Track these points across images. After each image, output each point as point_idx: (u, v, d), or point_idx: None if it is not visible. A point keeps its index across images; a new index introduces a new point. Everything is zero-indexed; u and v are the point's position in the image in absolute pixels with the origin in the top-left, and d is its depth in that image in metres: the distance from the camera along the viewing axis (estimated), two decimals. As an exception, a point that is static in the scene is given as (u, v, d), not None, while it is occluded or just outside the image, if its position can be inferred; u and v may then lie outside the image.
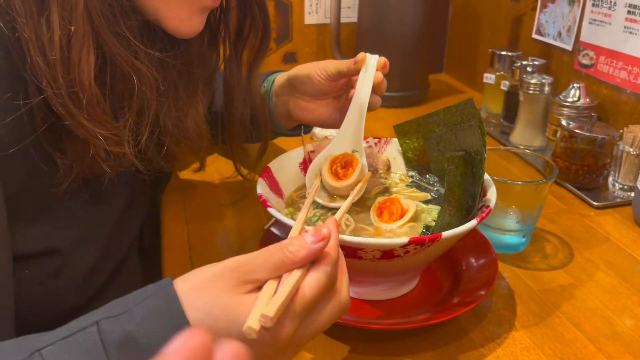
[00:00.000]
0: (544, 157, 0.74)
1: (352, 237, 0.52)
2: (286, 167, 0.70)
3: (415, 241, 0.52)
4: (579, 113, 0.96)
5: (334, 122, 0.76)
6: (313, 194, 0.59)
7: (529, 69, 1.04)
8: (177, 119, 0.61)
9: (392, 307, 0.63)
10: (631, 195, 0.85)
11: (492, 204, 0.59)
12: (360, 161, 0.67)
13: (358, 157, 0.67)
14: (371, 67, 0.68)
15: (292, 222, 0.53)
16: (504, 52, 1.13)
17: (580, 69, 1.04)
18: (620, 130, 0.86)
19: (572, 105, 0.96)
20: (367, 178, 0.66)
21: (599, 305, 0.64)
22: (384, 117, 1.22)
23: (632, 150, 0.84)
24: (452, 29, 1.52)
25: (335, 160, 0.67)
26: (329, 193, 0.67)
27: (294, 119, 0.79)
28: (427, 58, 1.33)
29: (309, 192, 0.66)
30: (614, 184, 0.88)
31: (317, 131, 1.00)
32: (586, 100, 0.96)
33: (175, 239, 0.76)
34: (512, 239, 0.73)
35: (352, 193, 0.63)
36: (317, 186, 0.64)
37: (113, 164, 0.53)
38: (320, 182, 0.66)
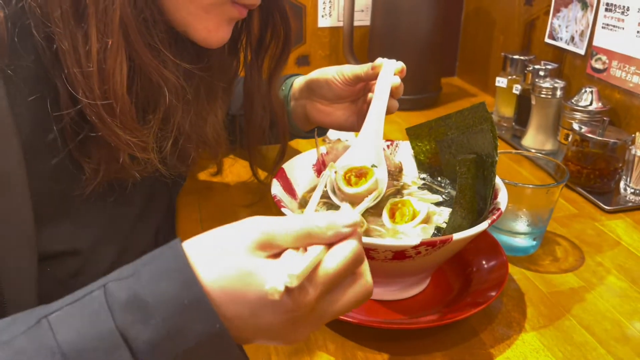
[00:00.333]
0: (556, 160, 0.75)
1: (364, 238, 0.53)
2: (300, 168, 0.71)
3: (426, 243, 0.53)
4: (591, 117, 0.96)
5: (352, 125, 0.78)
6: (326, 179, 0.59)
7: (541, 73, 1.05)
8: (197, 126, 0.62)
9: (404, 307, 0.64)
10: (643, 199, 0.85)
11: (503, 206, 0.60)
12: (376, 175, 0.66)
13: (375, 172, 0.67)
14: (389, 72, 0.69)
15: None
16: (516, 56, 1.14)
17: (593, 73, 1.04)
18: (633, 135, 0.86)
19: (584, 110, 0.97)
20: (380, 191, 0.65)
21: (609, 309, 0.64)
22: (397, 119, 1.23)
23: (644, 155, 0.84)
24: (464, 32, 1.52)
25: (351, 170, 0.68)
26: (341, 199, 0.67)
27: (312, 122, 0.80)
28: (440, 61, 1.33)
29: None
30: (626, 188, 0.88)
31: (329, 133, 1.01)
32: (598, 105, 0.97)
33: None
34: (522, 242, 0.74)
35: (369, 198, 0.63)
36: (330, 175, 0.64)
37: (138, 168, 0.55)
38: (334, 172, 0.65)
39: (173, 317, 0.34)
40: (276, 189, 0.64)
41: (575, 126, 0.91)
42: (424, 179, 0.74)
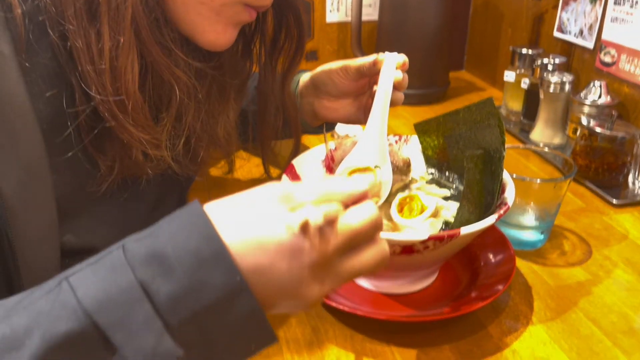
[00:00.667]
0: (563, 155, 0.75)
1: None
2: (309, 164, 0.72)
3: (434, 237, 0.53)
4: (600, 111, 0.97)
5: (358, 119, 0.79)
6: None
7: (549, 67, 1.05)
8: (208, 125, 0.63)
9: (412, 301, 0.65)
10: (651, 193, 0.85)
11: (510, 201, 0.60)
12: (378, 177, 0.66)
13: (378, 173, 0.67)
14: (391, 66, 0.70)
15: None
16: (524, 50, 1.14)
17: (602, 67, 1.04)
18: (641, 129, 0.87)
19: (593, 104, 0.97)
20: (377, 200, 0.66)
21: (616, 302, 0.65)
22: (404, 114, 1.24)
23: (652, 149, 0.84)
24: (472, 26, 1.52)
25: (354, 170, 0.68)
26: None
27: (319, 118, 0.82)
28: (448, 56, 1.33)
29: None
30: (634, 182, 0.88)
31: (337, 128, 1.02)
32: (607, 99, 0.97)
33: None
34: (530, 236, 0.74)
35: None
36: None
37: (151, 165, 0.56)
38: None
39: (193, 270, 0.35)
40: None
41: (584, 120, 0.91)
42: (432, 173, 0.74)
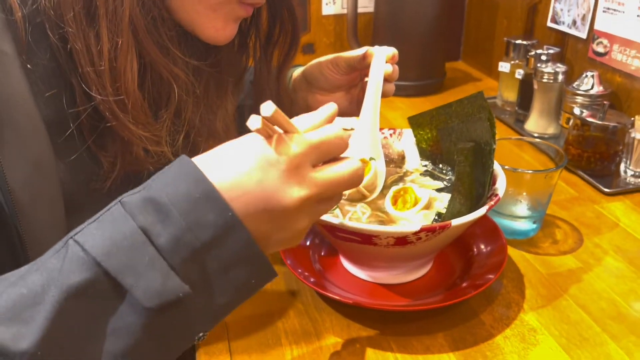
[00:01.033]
0: (555, 145, 0.77)
1: (366, 225, 0.56)
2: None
3: (426, 229, 0.55)
4: (593, 101, 0.98)
5: (351, 111, 0.80)
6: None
7: (543, 58, 1.06)
8: (207, 120, 0.64)
9: (407, 291, 0.66)
10: (642, 181, 0.87)
11: (501, 192, 0.62)
12: (373, 169, 0.67)
13: (373, 165, 0.68)
14: (381, 60, 0.71)
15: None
16: (518, 41, 1.15)
17: (595, 57, 1.06)
18: (632, 118, 0.88)
19: (586, 94, 0.98)
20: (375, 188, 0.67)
21: (605, 289, 0.67)
22: (401, 106, 1.25)
23: (643, 138, 0.86)
24: (468, 17, 1.53)
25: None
26: None
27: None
28: (444, 47, 1.34)
29: None
30: (626, 170, 0.90)
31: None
32: (599, 89, 0.98)
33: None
34: (523, 225, 0.76)
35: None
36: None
37: (152, 161, 0.57)
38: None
39: (188, 211, 0.38)
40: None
41: (576, 110, 0.92)
42: (426, 166, 0.76)
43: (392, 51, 0.72)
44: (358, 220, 0.63)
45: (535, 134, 1.06)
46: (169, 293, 0.38)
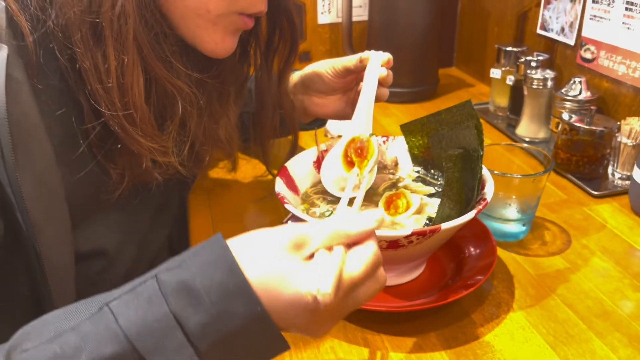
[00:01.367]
0: (543, 150, 0.79)
1: (360, 230, 0.58)
2: (301, 165, 0.76)
3: (417, 232, 0.58)
4: (581, 106, 1.01)
5: (347, 114, 0.83)
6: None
7: (532, 64, 1.08)
8: (210, 129, 0.66)
9: (401, 292, 0.69)
10: (629, 184, 0.89)
11: (489, 196, 0.64)
12: (375, 147, 0.69)
13: (373, 141, 0.70)
14: (376, 64, 0.74)
15: (307, 217, 0.59)
16: (509, 48, 1.18)
17: (583, 63, 1.08)
18: (618, 123, 0.91)
19: (574, 99, 1.01)
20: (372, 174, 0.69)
21: (592, 288, 0.69)
22: (396, 112, 1.27)
23: (629, 142, 0.88)
24: (461, 24, 1.56)
25: (350, 145, 0.71)
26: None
27: (310, 114, 0.86)
28: (437, 54, 1.37)
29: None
30: (613, 173, 0.92)
31: (330, 129, 1.06)
32: (587, 94, 1.01)
33: (202, 235, 0.83)
34: (513, 228, 0.79)
35: (363, 184, 0.66)
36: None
37: (160, 171, 0.60)
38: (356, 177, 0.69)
39: (219, 301, 0.39)
40: (280, 186, 0.69)
41: (565, 116, 0.95)
42: (418, 171, 0.78)
43: (387, 56, 0.75)
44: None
45: (527, 139, 1.09)
46: None
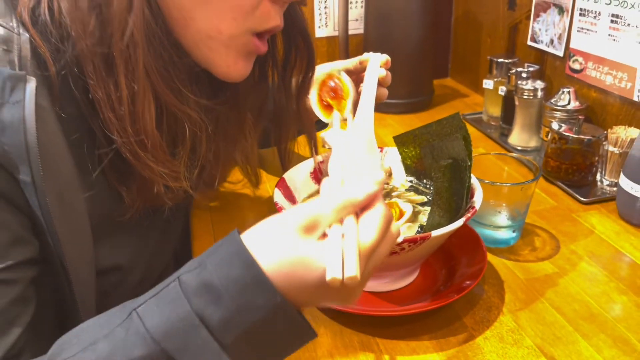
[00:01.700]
0: (532, 159, 0.82)
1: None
2: (299, 176, 0.79)
3: (408, 240, 0.61)
4: (570, 115, 1.04)
5: None
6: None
7: (523, 75, 1.12)
8: (224, 152, 0.68)
9: (395, 298, 0.72)
10: (616, 190, 0.92)
11: (477, 205, 0.67)
12: (349, 85, 0.73)
13: (344, 78, 0.74)
14: (375, 65, 0.77)
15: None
16: (501, 60, 1.21)
17: (572, 73, 1.12)
18: (606, 131, 0.94)
19: (563, 109, 1.04)
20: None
21: (579, 291, 0.72)
22: (392, 123, 1.31)
23: (616, 150, 0.91)
24: (455, 35, 1.59)
25: (322, 88, 0.74)
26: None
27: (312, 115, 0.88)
28: (432, 65, 1.40)
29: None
30: (602, 180, 0.95)
31: (328, 139, 1.09)
32: (576, 104, 1.04)
33: (204, 246, 0.86)
34: (503, 234, 0.82)
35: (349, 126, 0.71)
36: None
37: (171, 196, 0.62)
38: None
39: (238, 295, 0.41)
40: (278, 196, 0.72)
41: (554, 125, 0.98)
42: (411, 181, 0.82)
43: (385, 57, 0.78)
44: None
45: (519, 147, 1.12)
46: None
